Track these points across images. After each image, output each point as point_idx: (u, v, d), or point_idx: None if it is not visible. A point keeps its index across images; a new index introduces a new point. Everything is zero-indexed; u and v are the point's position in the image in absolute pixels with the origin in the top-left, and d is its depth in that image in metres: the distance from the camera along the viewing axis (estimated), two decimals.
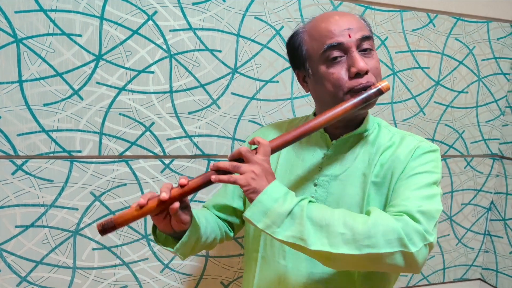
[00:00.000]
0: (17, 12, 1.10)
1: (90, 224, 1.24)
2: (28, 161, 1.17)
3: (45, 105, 1.16)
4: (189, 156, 1.29)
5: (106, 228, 0.75)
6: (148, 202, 0.76)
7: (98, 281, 1.27)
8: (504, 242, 1.64)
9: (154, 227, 0.88)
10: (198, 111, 1.28)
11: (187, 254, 0.89)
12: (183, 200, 0.81)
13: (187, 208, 0.84)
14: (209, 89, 1.27)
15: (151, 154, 1.26)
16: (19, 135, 1.15)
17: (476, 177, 1.64)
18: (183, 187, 0.78)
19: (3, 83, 1.12)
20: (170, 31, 1.22)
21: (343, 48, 0.83)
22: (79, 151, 1.20)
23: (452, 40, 1.51)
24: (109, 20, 1.16)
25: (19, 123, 1.15)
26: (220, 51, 1.27)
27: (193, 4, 1.22)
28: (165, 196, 0.76)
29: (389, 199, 0.84)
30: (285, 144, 0.82)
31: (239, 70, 1.29)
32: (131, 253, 1.29)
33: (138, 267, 1.30)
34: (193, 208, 0.89)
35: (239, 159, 0.79)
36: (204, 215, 0.99)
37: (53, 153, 1.18)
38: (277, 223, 0.73)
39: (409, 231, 0.72)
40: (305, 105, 1.37)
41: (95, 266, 1.26)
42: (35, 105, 1.15)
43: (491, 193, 1.68)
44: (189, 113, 1.27)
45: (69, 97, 1.17)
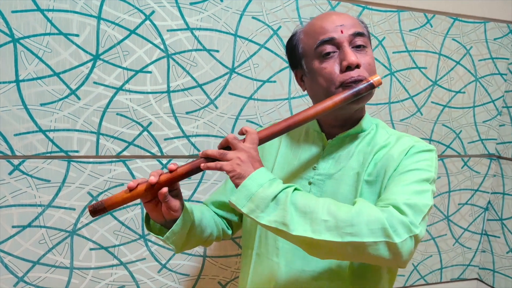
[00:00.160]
0: (14, 12, 1.10)
1: (87, 224, 1.24)
2: (25, 161, 1.16)
3: (42, 105, 1.15)
4: (186, 156, 1.29)
5: (96, 209, 0.78)
6: (137, 186, 0.79)
7: (95, 281, 1.27)
8: (501, 242, 1.64)
9: (147, 217, 0.89)
10: (195, 111, 1.28)
11: (179, 245, 0.89)
12: (174, 187, 0.83)
13: (178, 196, 0.85)
14: (206, 89, 1.27)
15: (148, 154, 1.26)
16: (16, 135, 1.15)
17: (473, 177, 1.65)
18: (172, 172, 0.80)
19: (0, 82, 1.12)
20: (168, 31, 1.21)
21: (335, 43, 0.85)
22: (76, 151, 1.20)
23: (449, 40, 1.51)
24: (107, 20, 1.16)
25: (16, 123, 1.14)
26: (217, 51, 1.27)
27: (191, 4, 1.22)
28: (153, 179, 0.78)
29: (382, 193, 0.84)
30: (274, 134, 0.83)
31: (236, 70, 1.29)
32: (128, 253, 1.28)
33: (135, 267, 1.30)
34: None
35: (227, 147, 0.80)
36: (200, 209, 1.00)
37: (50, 153, 1.18)
38: (261, 207, 0.74)
39: (393, 222, 0.71)
40: (302, 105, 1.37)
41: (92, 266, 1.26)
42: (32, 105, 1.15)
43: (488, 193, 1.69)
44: (187, 113, 1.27)
45: (66, 97, 1.17)
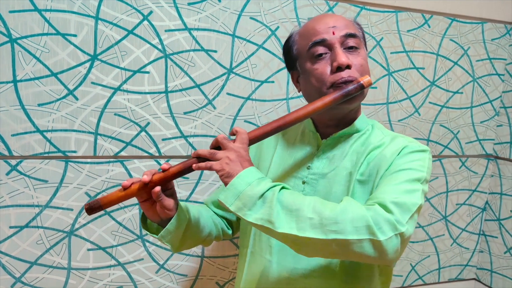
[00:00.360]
0: (11, 12, 1.09)
1: (85, 224, 1.23)
2: (22, 161, 1.16)
3: (39, 105, 1.15)
4: (184, 156, 1.29)
5: (92, 207, 0.80)
6: (131, 185, 0.81)
7: (93, 282, 1.27)
8: (499, 242, 1.65)
9: (144, 216, 0.91)
10: (193, 111, 1.28)
11: (176, 244, 0.90)
12: (168, 186, 0.85)
13: (172, 196, 0.86)
14: (204, 89, 1.27)
15: (146, 154, 1.25)
16: (13, 135, 1.15)
17: (470, 177, 1.65)
18: (165, 171, 0.81)
19: None
20: (166, 31, 1.21)
21: (327, 45, 0.86)
22: (74, 151, 1.20)
23: (447, 41, 1.51)
24: (104, 20, 1.16)
25: (14, 123, 1.14)
26: (215, 51, 1.27)
27: (189, 4, 1.22)
28: (146, 178, 0.80)
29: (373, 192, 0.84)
30: (264, 134, 0.84)
31: (234, 71, 1.29)
32: (126, 253, 1.28)
33: (133, 268, 1.30)
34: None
35: (218, 147, 0.82)
36: (198, 208, 1.00)
37: (47, 153, 1.18)
38: (248, 205, 0.75)
39: (378, 219, 0.71)
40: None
41: (90, 266, 1.26)
42: (29, 105, 1.14)
43: (486, 193, 1.69)
44: (185, 113, 1.27)
45: (64, 97, 1.17)
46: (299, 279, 0.88)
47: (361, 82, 0.84)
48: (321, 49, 0.86)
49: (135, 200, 0.88)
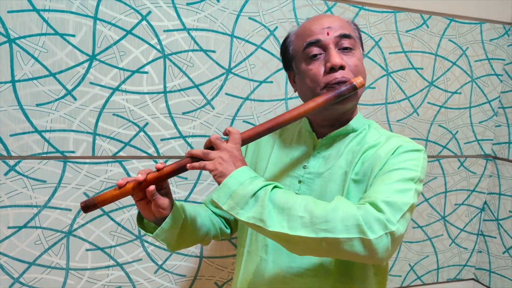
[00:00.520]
0: (10, 12, 1.09)
1: (83, 225, 1.23)
2: (20, 162, 1.16)
3: (38, 105, 1.15)
4: (183, 156, 1.28)
5: (88, 206, 0.82)
6: (126, 184, 0.82)
7: (91, 282, 1.27)
8: (497, 242, 1.65)
9: (140, 216, 0.92)
10: (192, 111, 1.28)
11: (172, 243, 0.91)
12: (163, 185, 0.86)
13: (167, 195, 0.87)
14: (203, 90, 1.27)
15: (145, 154, 1.25)
16: (11, 135, 1.15)
17: (469, 177, 1.65)
18: (159, 170, 0.83)
19: None
20: (164, 31, 1.21)
21: (321, 45, 0.87)
22: (73, 152, 1.20)
23: (446, 41, 1.52)
24: (103, 20, 1.16)
25: (12, 123, 1.14)
26: (214, 51, 1.27)
27: (187, 4, 1.22)
28: (140, 177, 0.81)
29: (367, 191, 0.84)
30: (257, 135, 0.85)
31: (233, 71, 1.29)
32: (124, 254, 1.28)
33: (132, 268, 1.30)
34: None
35: (211, 147, 0.83)
36: (195, 208, 1.01)
37: (46, 153, 1.18)
38: (240, 204, 0.75)
39: (369, 218, 0.72)
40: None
41: (88, 267, 1.26)
42: (28, 105, 1.14)
43: (484, 193, 1.69)
44: (183, 113, 1.27)
45: (63, 97, 1.17)
46: (294, 278, 0.89)
47: (354, 83, 0.85)
48: (315, 50, 0.87)
49: (133, 201, 0.89)
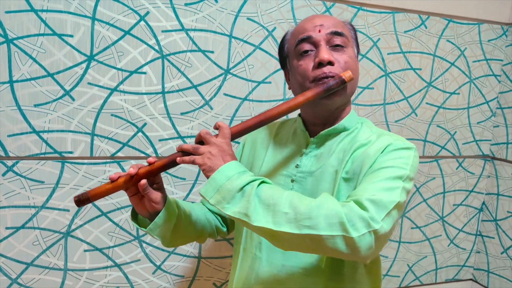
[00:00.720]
0: (7, 12, 1.09)
1: (81, 225, 1.23)
2: (18, 162, 1.16)
3: (36, 105, 1.15)
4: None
5: (81, 199, 0.83)
6: (118, 178, 0.83)
7: (89, 283, 1.26)
8: (496, 242, 1.65)
9: (134, 212, 0.93)
10: (190, 112, 1.27)
11: (166, 238, 0.92)
12: (155, 180, 0.87)
13: (160, 190, 0.88)
14: (201, 90, 1.27)
15: (143, 155, 1.25)
16: (9, 136, 1.14)
17: (467, 178, 1.65)
18: (151, 165, 0.84)
19: None
20: (162, 31, 1.21)
21: (312, 42, 0.88)
22: (71, 152, 1.19)
23: (444, 42, 1.52)
24: (101, 20, 1.16)
25: (10, 123, 1.14)
26: (212, 52, 1.27)
27: (186, 4, 1.22)
28: (132, 171, 0.83)
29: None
30: (247, 129, 0.86)
31: (231, 71, 1.29)
32: (123, 254, 1.28)
33: (130, 269, 1.29)
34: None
35: (201, 141, 0.84)
36: (191, 205, 1.03)
37: (44, 154, 1.17)
38: (227, 199, 0.76)
39: (352, 216, 0.72)
40: None
41: (86, 267, 1.26)
42: (26, 106, 1.14)
43: (483, 194, 1.69)
44: (182, 114, 1.27)
45: (61, 97, 1.16)
46: (287, 275, 0.90)
47: (343, 77, 0.85)
48: (306, 46, 0.88)
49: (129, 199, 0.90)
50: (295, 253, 0.85)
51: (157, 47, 1.21)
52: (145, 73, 1.22)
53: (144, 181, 0.83)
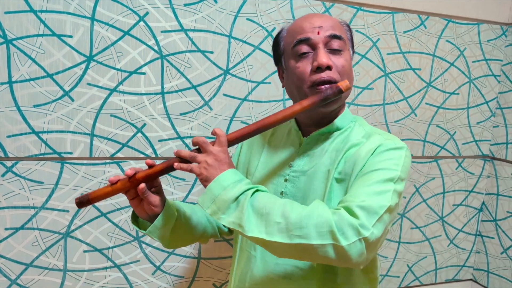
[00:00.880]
0: (7, 13, 1.09)
1: (81, 226, 1.23)
2: (18, 163, 1.16)
3: (35, 106, 1.15)
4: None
5: (82, 201, 0.85)
6: (117, 181, 0.85)
7: (89, 284, 1.26)
8: (495, 242, 1.65)
9: (134, 215, 0.94)
10: (190, 112, 1.27)
11: (166, 240, 0.94)
12: (154, 184, 0.89)
13: (159, 193, 0.90)
14: (201, 90, 1.27)
15: (142, 155, 1.25)
16: (8, 136, 1.14)
17: (467, 178, 1.65)
18: (149, 167, 0.85)
19: None
20: (162, 32, 1.21)
21: (310, 44, 0.88)
22: (70, 153, 1.19)
23: (443, 42, 1.52)
24: (100, 21, 1.16)
25: (9, 124, 1.14)
26: (212, 52, 1.26)
27: (185, 5, 1.22)
28: (129, 171, 0.84)
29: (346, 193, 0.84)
30: (243, 136, 0.86)
31: (231, 71, 1.29)
32: (122, 255, 1.28)
33: (129, 269, 1.29)
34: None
35: (198, 147, 0.85)
36: (191, 206, 1.04)
37: (43, 154, 1.17)
38: (222, 209, 0.78)
39: (342, 224, 0.72)
40: None
41: (86, 268, 1.25)
42: (25, 106, 1.14)
43: (482, 194, 1.69)
44: (181, 114, 1.27)
45: (60, 98, 1.16)
46: (281, 274, 0.90)
47: (340, 87, 0.85)
48: (304, 48, 0.88)
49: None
50: None
51: (156, 48, 1.21)
52: (144, 73, 1.22)
53: (143, 185, 0.84)
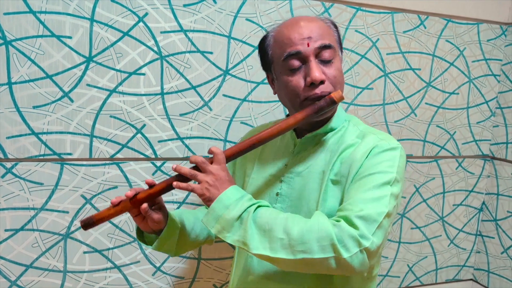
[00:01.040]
0: (6, 14, 1.09)
1: (80, 227, 1.23)
2: (17, 164, 1.16)
3: (35, 107, 1.15)
4: (180, 158, 1.28)
5: (87, 224, 0.88)
6: (120, 203, 0.88)
7: (89, 285, 1.26)
8: (496, 242, 1.65)
9: (139, 230, 0.97)
10: (189, 113, 1.27)
11: (172, 251, 0.97)
12: (155, 201, 0.91)
13: (161, 209, 0.92)
14: (200, 91, 1.27)
15: (142, 156, 1.25)
16: (8, 137, 1.14)
17: (467, 178, 1.65)
18: (151, 187, 0.87)
19: None
20: (161, 32, 1.21)
21: (301, 57, 0.87)
22: (70, 154, 1.19)
23: (443, 42, 1.52)
24: (100, 21, 1.16)
25: (9, 125, 1.14)
26: (211, 52, 1.26)
27: (184, 5, 1.22)
28: (128, 193, 0.86)
29: (344, 198, 0.85)
30: (240, 152, 0.88)
31: (230, 72, 1.29)
32: (122, 256, 1.28)
33: (129, 270, 1.29)
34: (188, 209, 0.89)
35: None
36: (195, 213, 1.06)
37: (43, 155, 1.17)
38: (227, 228, 0.80)
39: (343, 236, 0.74)
40: None
41: (86, 269, 1.25)
42: (24, 108, 1.14)
43: (483, 193, 1.69)
44: (181, 115, 1.27)
45: (59, 99, 1.16)
46: (277, 273, 0.91)
47: (333, 98, 0.85)
48: (296, 63, 0.87)
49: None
50: None
51: (156, 48, 1.21)
52: (144, 74, 1.22)
53: (145, 205, 0.86)
